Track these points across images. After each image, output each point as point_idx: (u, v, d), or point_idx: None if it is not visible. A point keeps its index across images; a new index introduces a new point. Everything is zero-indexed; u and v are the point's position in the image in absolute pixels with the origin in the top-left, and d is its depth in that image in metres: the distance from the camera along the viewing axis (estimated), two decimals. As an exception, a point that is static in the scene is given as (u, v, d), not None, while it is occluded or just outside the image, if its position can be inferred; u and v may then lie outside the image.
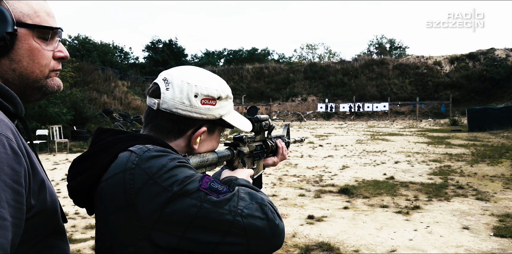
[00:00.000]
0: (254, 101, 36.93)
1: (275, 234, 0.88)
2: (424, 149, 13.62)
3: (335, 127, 26.64)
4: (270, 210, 0.90)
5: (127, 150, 0.89)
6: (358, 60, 40.41)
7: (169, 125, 1.00)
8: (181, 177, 0.84)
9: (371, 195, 6.93)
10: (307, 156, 12.22)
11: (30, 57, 0.88)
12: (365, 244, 4.54)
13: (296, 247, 4.47)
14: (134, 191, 0.82)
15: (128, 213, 0.83)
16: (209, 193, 0.84)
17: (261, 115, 1.38)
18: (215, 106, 1.02)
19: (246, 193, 0.91)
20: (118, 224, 0.85)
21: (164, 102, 0.98)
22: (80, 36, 42.86)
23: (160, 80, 1.02)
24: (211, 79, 1.04)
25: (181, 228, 0.82)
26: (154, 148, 0.88)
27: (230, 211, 0.84)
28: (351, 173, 9.22)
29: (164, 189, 0.82)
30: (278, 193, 7.18)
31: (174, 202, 0.81)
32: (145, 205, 0.82)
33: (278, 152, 1.53)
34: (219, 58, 53.82)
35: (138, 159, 0.85)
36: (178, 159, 0.87)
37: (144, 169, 0.83)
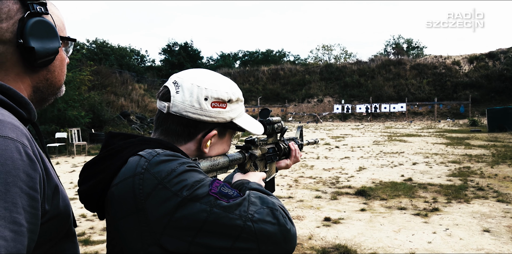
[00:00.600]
0: (270, 103, 36.92)
1: (286, 239, 0.86)
2: (442, 150, 13.41)
3: (352, 128, 26.44)
4: (281, 214, 0.88)
5: (137, 155, 0.88)
6: (374, 60, 40.05)
7: (179, 129, 0.99)
8: (191, 182, 0.83)
9: (388, 197, 6.85)
10: (324, 158, 12.14)
11: (60, 67, 0.96)
12: (383, 247, 4.48)
13: (313, 250, 4.44)
14: (144, 196, 0.82)
15: (138, 218, 0.83)
16: (219, 198, 0.83)
17: (273, 117, 1.36)
18: (225, 109, 1.01)
19: (257, 197, 0.89)
20: (128, 229, 0.85)
21: (174, 105, 0.97)
22: (98, 40, 43.53)
23: (170, 83, 1.01)
24: (222, 82, 1.03)
25: (191, 233, 0.81)
26: (164, 152, 0.88)
27: (240, 216, 0.83)
28: (368, 174, 9.13)
29: (174, 194, 0.81)
30: (294, 195, 7.15)
31: (184, 207, 0.81)
32: (155, 210, 0.81)
33: (291, 154, 1.51)
34: (235, 60, 54.01)
35: (147, 163, 0.85)
36: (187, 164, 0.87)
37: (154, 174, 0.83)
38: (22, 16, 0.85)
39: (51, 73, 0.93)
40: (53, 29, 0.89)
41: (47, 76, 0.93)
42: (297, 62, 52.20)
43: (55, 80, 0.95)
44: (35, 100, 0.94)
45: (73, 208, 0.93)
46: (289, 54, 65.05)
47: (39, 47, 0.86)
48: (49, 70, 0.93)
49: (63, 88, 1.00)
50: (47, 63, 0.90)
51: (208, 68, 47.64)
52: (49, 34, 0.88)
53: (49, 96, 0.97)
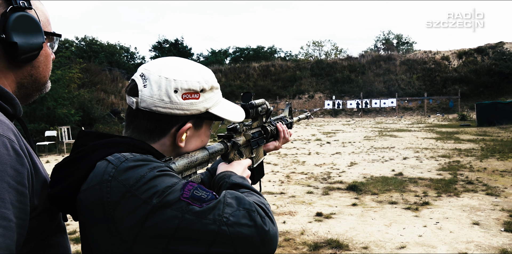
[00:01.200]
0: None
1: (264, 240, 0.83)
2: (432, 144, 13.53)
3: (343, 124, 26.55)
4: (259, 215, 0.84)
5: (105, 160, 0.83)
6: (365, 56, 40.18)
7: (150, 125, 0.94)
8: (161, 188, 0.79)
9: (379, 191, 6.90)
10: (315, 153, 12.19)
11: (45, 63, 0.94)
12: (374, 241, 4.52)
13: (305, 245, 4.46)
14: (112, 205, 0.78)
15: (107, 227, 0.79)
16: (191, 203, 0.79)
17: (256, 100, 1.31)
18: (198, 100, 0.95)
19: (233, 198, 0.85)
20: (99, 236, 0.81)
21: (143, 100, 0.91)
22: (87, 37, 43.19)
23: (138, 76, 0.95)
24: (192, 70, 0.97)
25: (163, 241, 0.78)
26: (133, 157, 0.83)
27: (214, 221, 0.79)
28: (359, 169, 9.19)
29: (143, 202, 0.77)
30: (286, 190, 7.18)
31: (154, 214, 0.77)
32: (124, 219, 0.77)
33: (280, 136, 1.47)
34: (226, 56, 53.83)
35: (114, 170, 0.80)
36: (158, 168, 0.82)
37: (121, 181, 0.78)
38: (5, 11, 0.83)
39: (35, 68, 0.92)
40: (37, 24, 0.88)
41: (31, 72, 0.91)
42: (288, 58, 52.20)
43: (40, 76, 0.93)
44: (19, 96, 0.93)
45: None
46: (280, 50, 65.14)
47: (22, 42, 0.84)
48: (34, 65, 0.91)
49: (48, 84, 0.99)
50: (31, 58, 0.88)
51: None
52: (33, 29, 0.87)
53: (34, 92, 0.95)
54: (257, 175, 1.36)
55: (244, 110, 1.27)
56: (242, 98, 1.31)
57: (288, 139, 1.51)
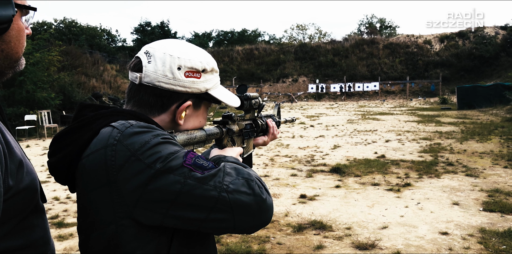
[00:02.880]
0: (245, 83, 36.70)
1: (262, 209, 0.86)
2: (414, 127, 13.72)
3: (326, 107, 26.69)
4: (257, 185, 0.87)
5: (109, 126, 0.86)
6: (348, 40, 40.18)
7: (152, 100, 0.96)
8: (165, 154, 0.81)
9: (362, 173, 6.99)
10: (299, 137, 12.25)
11: (17, 38, 0.88)
12: (357, 222, 4.60)
13: (289, 226, 4.51)
14: (116, 168, 0.80)
15: (110, 190, 0.81)
16: (193, 169, 0.82)
17: (251, 93, 1.34)
18: (200, 79, 0.98)
19: (232, 169, 0.88)
20: (100, 201, 0.83)
21: (147, 75, 0.94)
22: (66, 19, 42.05)
23: (142, 53, 0.97)
24: (195, 51, 1.00)
25: (164, 205, 0.80)
26: (138, 124, 0.85)
27: (215, 187, 0.81)
28: (343, 152, 9.27)
29: (147, 166, 0.79)
30: (270, 173, 7.22)
31: (157, 179, 0.79)
32: (127, 182, 0.79)
33: (269, 131, 1.50)
34: (209, 40, 53.17)
35: (120, 135, 0.82)
36: (162, 136, 0.84)
37: (126, 146, 0.81)
38: None
39: (6, 43, 0.86)
40: None
41: (1, 47, 0.85)
42: (272, 42, 51.87)
43: (12, 51, 0.87)
44: None
45: (45, 191, 0.90)
46: (264, 33, 64.58)
47: None
48: (4, 40, 0.85)
49: (22, 61, 0.93)
50: (0, 32, 0.83)
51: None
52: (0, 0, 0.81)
53: (6, 69, 0.89)
54: None
55: None
56: (237, 90, 1.36)
57: (276, 136, 1.54)
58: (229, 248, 3.90)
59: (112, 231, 0.83)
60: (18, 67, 0.92)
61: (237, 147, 1.24)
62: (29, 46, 15.45)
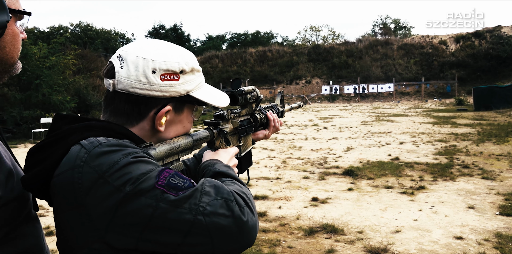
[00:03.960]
0: (258, 85, 36.76)
1: (243, 231, 0.80)
2: (429, 129, 13.53)
3: (340, 109, 26.52)
4: (237, 205, 0.81)
5: (78, 144, 0.80)
6: (362, 41, 39.89)
7: (128, 108, 0.90)
8: (135, 175, 0.75)
9: (375, 176, 6.91)
10: (312, 139, 12.18)
11: (12, 42, 0.88)
12: (370, 225, 4.53)
13: (300, 229, 4.47)
14: (83, 191, 0.74)
15: (79, 213, 0.76)
16: (166, 191, 0.75)
17: (245, 87, 1.28)
18: (178, 82, 0.91)
19: (211, 187, 0.82)
20: (71, 223, 0.78)
21: (120, 81, 0.88)
22: (82, 23, 42.65)
23: (115, 57, 0.91)
24: (172, 51, 0.93)
25: (137, 229, 0.74)
26: (107, 142, 0.79)
27: (190, 210, 0.76)
28: (356, 154, 9.19)
29: (116, 189, 0.73)
30: (282, 176, 7.18)
31: (128, 202, 0.73)
32: (96, 206, 0.74)
33: (270, 124, 1.44)
34: (223, 42, 53.35)
35: (87, 155, 0.76)
36: (133, 154, 0.78)
37: (93, 167, 0.75)
38: None
39: (1, 49, 0.86)
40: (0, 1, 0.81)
41: None
42: (285, 43, 51.81)
43: (7, 56, 0.88)
44: None
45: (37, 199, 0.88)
46: (277, 35, 64.61)
47: None
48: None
49: (18, 65, 0.93)
50: None
51: (196, 51, 47.31)
52: None
53: (1, 74, 0.90)
54: (244, 164, 1.33)
55: (233, 97, 1.24)
56: (232, 84, 1.28)
57: (278, 128, 1.48)
58: (239, 251, 3.87)
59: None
60: (14, 71, 0.92)
61: (232, 147, 1.19)
62: (45, 50, 15.70)
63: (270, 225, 4.66)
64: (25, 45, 14.51)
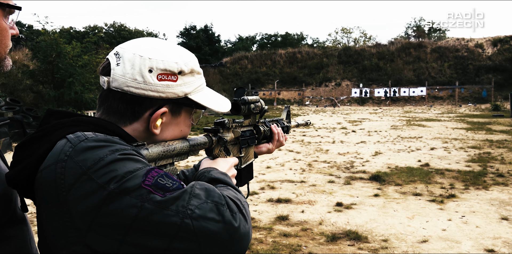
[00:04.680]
0: (287, 86, 36.62)
1: (233, 238, 0.74)
2: (462, 135, 13.08)
3: (370, 112, 26.06)
4: (229, 210, 0.75)
5: (65, 138, 0.76)
6: (394, 43, 39.10)
7: (122, 107, 0.86)
8: (121, 173, 0.70)
9: (403, 182, 6.69)
10: (339, 142, 11.97)
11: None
12: (395, 234, 4.36)
13: (323, 235, 4.35)
14: (66, 188, 0.70)
15: (60, 211, 0.70)
16: (152, 191, 0.70)
17: (250, 96, 1.22)
18: (176, 83, 0.87)
19: (202, 189, 0.76)
20: (52, 222, 0.73)
21: (114, 79, 0.84)
22: (116, 23, 43.60)
23: (112, 54, 0.87)
24: (171, 50, 0.89)
25: (120, 231, 0.69)
26: (94, 137, 0.75)
27: (177, 212, 0.70)
28: (384, 159, 8.95)
29: (100, 187, 0.68)
30: (307, 179, 7.05)
31: (111, 201, 0.68)
32: (78, 204, 0.69)
33: (274, 138, 1.39)
34: (253, 43, 53.45)
35: (71, 150, 0.72)
36: (121, 151, 0.73)
37: (78, 162, 0.70)
38: None
39: None
40: None
41: None
42: (316, 45, 51.43)
43: None
44: None
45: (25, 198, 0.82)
46: (307, 36, 64.30)
47: None
48: None
49: (7, 61, 0.88)
50: None
51: (226, 52, 47.57)
52: None
53: None
54: (245, 176, 1.27)
55: (236, 105, 1.19)
56: (235, 93, 1.23)
57: (282, 143, 1.43)
58: (258, 256, 3.79)
59: None
60: (2, 68, 0.88)
61: (232, 157, 1.13)
62: (78, 49, 16.09)
63: (292, 229, 4.56)
64: (59, 44, 14.92)
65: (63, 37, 17.09)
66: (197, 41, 45.36)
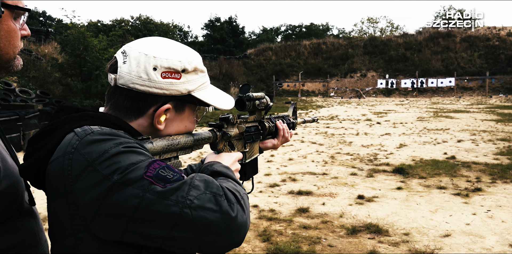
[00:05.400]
0: (311, 78, 36.31)
1: (230, 228, 0.77)
2: (492, 127, 12.71)
3: (396, 104, 25.61)
4: (226, 200, 0.79)
5: (73, 131, 0.80)
6: (422, 33, 38.12)
7: (127, 103, 0.90)
8: (124, 164, 0.74)
9: (428, 175, 6.57)
10: (363, 134, 11.84)
11: (7, 38, 0.87)
12: (417, 227, 4.31)
13: (343, 228, 4.33)
14: (72, 178, 0.74)
15: (67, 201, 0.76)
16: (154, 182, 0.74)
17: (254, 93, 1.24)
18: (179, 80, 0.91)
19: (201, 181, 0.80)
20: (59, 212, 0.78)
21: (121, 77, 0.88)
22: (142, 16, 44.02)
23: (119, 53, 0.92)
24: (175, 49, 0.92)
25: (123, 220, 0.73)
26: (100, 130, 0.79)
27: (177, 202, 0.74)
28: (409, 152, 8.80)
29: (104, 178, 0.73)
30: (329, 171, 7.01)
31: (115, 191, 0.72)
32: (84, 194, 0.73)
33: (279, 134, 1.41)
34: (277, 34, 53.12)
35: (78, 142, 0.76)
36: (125, 144, 0.77)
37: (84, 154, 0.75)
38: None
39: None
40: None
41: None
42: (341, 35, 50.70)
43: (1, 52, 0.87)
44: None
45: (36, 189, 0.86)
46: (332, 27, 63.45)
47: None
48: None
49: (17, 61, 0.92)
50: None
51: (250, 43, 47.42)
52: None
53: None
54: (249, 171, 1.30)
55: (241, 102, 1.22)
56: (240, 89, 1.27)
57: (288, 139, 1.45)
58: (278, 247, 3.82)
59: (71, 244, 0.78)
60: (12, 68, 0.92)
61: (236, 152, 1.16)
62: (104, 42, 16.35)
63: (312, 221, 4.56)
64: (86, 38, 15.20)
65: (90, 30, 17.41)
66: (221, 33, 45.37)
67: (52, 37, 21.27)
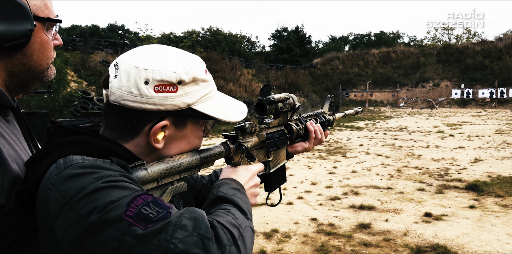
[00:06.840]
0: (380, 87, 35.24)
1: None
2: None
3: (472, 115, 24.04)
4: (217, 243, 0.69)
5: (56, 162, 0.74)
6: (502, 39, 35.64)
7: (121, 122, 0.82)
8: (103, 203, 0.66)
9: (506, 194, 6.03)
10: (434, 147, 11.19)
11: (41, 50, 0.88)
12: (490, 251, 3.94)
13: (406, 247, 4.07)
14: (51, 216, 0.68)
15: (49, 238, 0.70)
16: (134, 223, 0.66)
17: (276, 95, 1.11)
18: (175, 93, 0.81)
19: (190, 219, 0.70)
20: (44, 246, 0.72)
21: (112, 93, 0.80)
22: (212, 27, 45.48)
23: (112, 66, 0.84)
24: (171, 58, 0.83)
25: None
26: (80, 163, 0.71)
27: (159, 247, 0.65)
28: (484, 167, 8.16)
29: (82, 217, 0.66)
30: (395, 186, 6.68)
31: (93, 233, 0.65)
32: (64, 233, 0.67)
33: (310, 136, 1.27)
34: (345, 43, 52.39)
35: (56, 177, 0.70)
36: (106, 178, 0.69)
37: (61, 191, 0.68)
38: None
39: (27, 57, 0.86)
40: (23, 9, 0.80)
41: (23, 61, 0.86)
42: (412, 43, 48.84)
43: (34, 64, 0.88)
44: (13, 85, 0.89)
45: None
46: (403, 35, 61.39)
47: (4, 30, 0.79)
48: (25, 54, 0.86)
49: (50, 71, 0.93)
50: (18, 46, 0.83)
51: (317, 53, 47.14)
52: (17, 15, 0.80)
53: (30, 81, 0.91)
54: (274, 181, 1.18)
55: (261, 106, 1.10)
56: (261, 91, 1.13)
57: (322, 140, 1.30)
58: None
59: None
60: (46, 78, 0.93)
61: (255, 164, 1.04)
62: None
63: (373, 238, 4.33)
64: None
65: (163, 42, 18.24)
66: (288, 42, 45.60)
67: (127, 49, 22.57)
